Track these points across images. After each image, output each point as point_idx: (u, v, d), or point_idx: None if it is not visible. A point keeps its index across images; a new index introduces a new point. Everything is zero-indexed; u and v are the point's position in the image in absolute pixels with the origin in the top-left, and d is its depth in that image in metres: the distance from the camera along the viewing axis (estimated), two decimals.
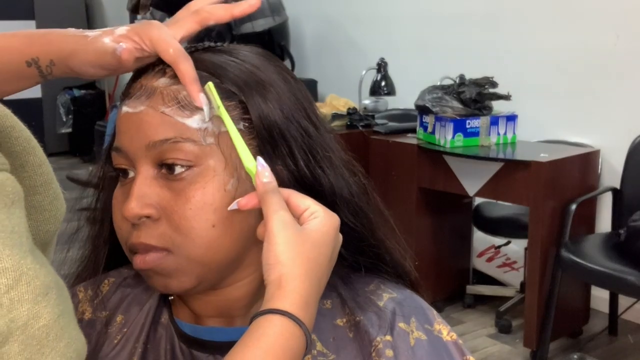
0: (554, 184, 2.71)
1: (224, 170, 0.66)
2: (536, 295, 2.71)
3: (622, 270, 2.43)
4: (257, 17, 4.34)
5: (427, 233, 3.13)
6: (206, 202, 0.65)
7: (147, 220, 0.66)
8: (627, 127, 3.02)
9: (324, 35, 4.75)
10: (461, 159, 2.90)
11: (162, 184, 0.66)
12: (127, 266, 0.79)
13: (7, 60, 0.55)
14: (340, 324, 0.72)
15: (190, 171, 0.66)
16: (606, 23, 3.19)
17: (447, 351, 0.71)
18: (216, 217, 0.65)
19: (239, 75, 0.69)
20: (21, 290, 0.35)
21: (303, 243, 0.61)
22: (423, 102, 2.99)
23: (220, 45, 0.74)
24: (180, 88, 0.67)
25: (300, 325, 0.59)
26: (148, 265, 0.66)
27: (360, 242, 0.74)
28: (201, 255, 0.66)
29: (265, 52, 0.75)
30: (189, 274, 0.67)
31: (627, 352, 2.91)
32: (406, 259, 0.78)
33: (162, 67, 0.68)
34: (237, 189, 0.67)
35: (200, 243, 0.65)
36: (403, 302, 0.74)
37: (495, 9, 3.66)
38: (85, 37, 0.62)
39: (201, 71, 0.68)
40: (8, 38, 0.56)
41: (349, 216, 0.72)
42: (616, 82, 3.18)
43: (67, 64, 0.62)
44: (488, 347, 2.92)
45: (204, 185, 0.65)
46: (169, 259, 0.66)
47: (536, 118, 3.32)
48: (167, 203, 0.66)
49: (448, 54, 3.84)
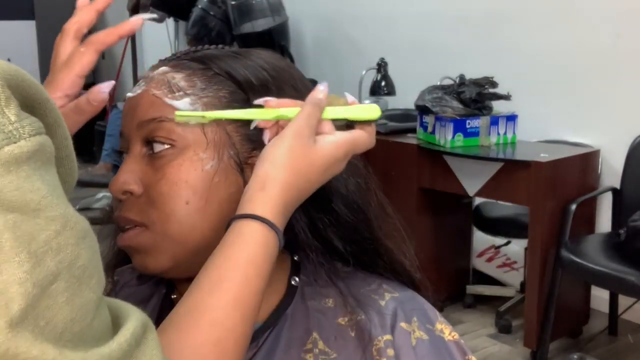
0: (554, 184, 2.71)
1: (204, 152, 0.68)
2: (536, 295, 2.71)
3: (622, 270, 2.43)
4: (257, 17, 4.34)
5: (427, 233, 3.13)
6: (180, 178, 0.67)
7: (131, 196, 0.69)
8: (627, 127, 3.02)
9: (324, 35, 4.75)
10: (461, 159, 2.90)
11: (147, 162, 0.69)
12: (130, 265, 0.79)
13: None
14: (342, 323, 0.72)
15: (171, 149, 0.68)
16: (606, 23, 3.19)
17: (448, 351, 0.71)
18: (190, 194, 0.67)
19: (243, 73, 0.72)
20: (67, 235, 0.40)
21: (304, 156, 0.64)
22: (423, 102, 2.99)
23: (234, 48, 0.77)
24: (174, 74, 0.70)
25: (277, 232, 0.62)
26: (126, 241, 0.69)
27: (355, 234, 0.75)
28: (176, 233, 0.67)
29: (279, 56, 0.78)
30: (165, 252, 0.68)
31: (627, 352, 2.91)
32: (408, 258, 0.78)
33: (167, 60, 0.73)
34: (217, 171, 0.68)
35: (174, 219, 0.67)
36: (405, 302, 0.74)
37: (495, 9, 3.66)
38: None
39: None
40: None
41: (344, 209, 0.73)
42: (616, 82, 3.18)
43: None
44: (488, 347, 2.92)
45: (181, 163, 0.68)
46: (145, 234, 0.68)
47: (536, 118, 3.32)
48: (148, 179, 0.68)
49: (448, 54, 3.84)
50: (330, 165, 0.66)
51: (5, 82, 0.40)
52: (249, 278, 0.59)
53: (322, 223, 0.73)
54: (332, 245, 0.74)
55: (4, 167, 0.38)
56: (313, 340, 0.70)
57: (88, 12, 0.74)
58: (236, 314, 0.58)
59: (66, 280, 0.40)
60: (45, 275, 0.39)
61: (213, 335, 0.57)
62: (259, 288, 0.60)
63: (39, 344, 0.38)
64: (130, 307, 0.47)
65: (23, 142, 0.39)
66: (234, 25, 4.37)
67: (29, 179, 0.39)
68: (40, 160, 0.41)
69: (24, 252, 0.38)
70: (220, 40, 4.32)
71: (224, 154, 0.69)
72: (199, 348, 0.56)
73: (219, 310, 0.57)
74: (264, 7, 4.35)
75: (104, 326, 0.43)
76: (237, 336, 0.58)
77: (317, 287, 0.74)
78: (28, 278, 0.38)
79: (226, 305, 0.58)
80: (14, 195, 0.38)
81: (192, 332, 0.56)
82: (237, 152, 0.69)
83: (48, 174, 0.41)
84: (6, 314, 0.37)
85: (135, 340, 0.44)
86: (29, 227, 0.39)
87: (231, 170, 0.69)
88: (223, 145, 0.69)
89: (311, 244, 0.73)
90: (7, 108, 0.39)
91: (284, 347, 0.69)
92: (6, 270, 0.37)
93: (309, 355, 0.69)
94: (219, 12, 4.45)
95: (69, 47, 0.72)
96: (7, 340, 0.37)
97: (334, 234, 0.73)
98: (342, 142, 0.67)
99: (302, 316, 0.72)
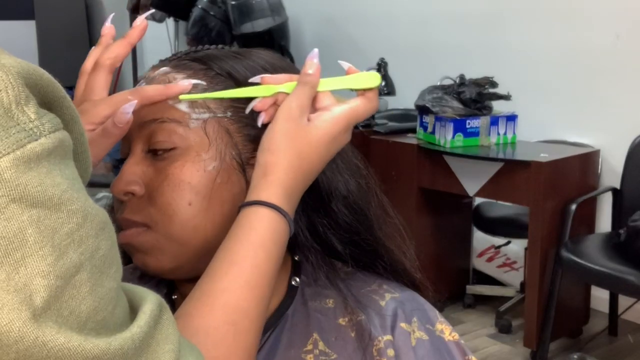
0: (554, 184, 2.71)
1: (207, 153, 0.68)
2: (536, 295, 2.71)
3: (622, 270, 2.43)
4: (257, 17, 4.34)
5: (427, 233, 3.13)
6: (183, 179, 0.67)
7: (133, 197, 0.69)
8: (627, 127, 3.02)
9: (324, 35, 4.74)
10: (461, 159, 2.90)
11: (149, 163, 0.69)
12: (130, 265, 0.79)
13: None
14: (342, 323, 0.72)
15: (174, 151, 0.68)
16: (606, 23, 3.19)
17: (448, 351, 0.71)
18: (192, 195, 0.67)
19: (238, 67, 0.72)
20: (87, 227, 0.42)
21: (300, 138, 0.65)
22: (423, 102, 2.99)
23: (234, 48, 0.77)
24: (175, 74, 0.70)
25: (284, 216, 0.63)
26: (127, 239, 0.69)
27: (355, 235, 0.75)
28: (178, 234, 0.67)
29: (280, 56, 0.78)
30: (166, 252, 0.68)
31: (627, 352, 2.91)
32: (408, 259, 0.78)
33: (167, 60, 0.73)
34: (219, 172, 0.68)
35: (176, 220, 0.67)
36: (405, 302, 0.74)
37: (495, 9, 3.66)
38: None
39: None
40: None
41: (344, 210, 0.73)
42: (616, 82, 3.18)
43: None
44: (488, 347, 2.92)
45: (183, 164, 0.68)
46: (147, 234, 0.68)
47: (536, 118, 3.32)
48: (150, 180, 0.68)
49: (448, 54, 3.84)
50: (331, 142, 0.67)
51: (24, 81, 0.41)
52: (259, 261, 0.60)
53: (322, 225, 0.73)
54: (332, 246, 0.74)
55: (27, 164, 0.40)
56: (313, 340, 0.70)
57: (124, 47, 0.73)
58: (249, 296, 0.59)
59: (88, 271, 0.42)
60: (68, 267, 0.40)
61: (229, 317, 0.58)
62: (270, 271, 0.61)
63: (64, 332, 0.39)
64: (144, 289, 0.49)
65: (43, 139, 0.41)
66: (234, 25, 4.37)
67: (50, 174, 0.41)
68: (59, 155, 0.42)
69: (47, 245, 0.40)
70: (220, 40, 4.32)
71: (226, 155, 0.69)
72: (215, 330, 0.57)
73: (232, 292, 0.58)
74: (264, 7, 4.35)
75: (124, 312, 0.45)
76: (253, 317, 0.59)
77: (318, 288, 0.74)
78: (51, 271, 0.39)
79: (239, 287, 0.59)
80: (37, 190, 0.40)
81: (207, 314, 0.57)
82: (239, 153, 0.69)
83: (68, 169, 0.43)
84: (30, 305, 0.38)
85: (154, 320, 0.46)
86: (51, 221, 0.40)
87: (233, 170, 0.69)
88: (225, 145, 0.69)
89: (310, 245, 0.73)
90: (26, 106, 0.40)
91: (284, 348, 0.69)
92: (30, 264, 0.39)
93: (309, 356, 0.69)
94: (219, 12, 4.45)
95: (104, 81, 0.72)
96: (34, 330, 0.38)
97: (334, 235, 0.73)
98: (339, 116, 0.67)
99: (302, 317, 0.71)
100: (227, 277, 0.59)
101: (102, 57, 0.73)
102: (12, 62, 0.41)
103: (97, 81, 0.72)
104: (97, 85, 0.72)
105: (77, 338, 0.40)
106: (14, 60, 0.41)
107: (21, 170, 0.39)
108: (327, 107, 0.68)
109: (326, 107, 0.68)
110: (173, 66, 0.72)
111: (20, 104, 0.40)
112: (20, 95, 0.40)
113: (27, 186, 0.39)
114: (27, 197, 0.39)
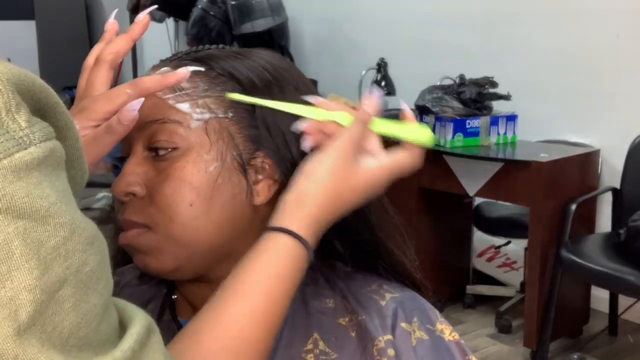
0: (554, 184, 2.71)
1: (208, 154, 0.68)
2: (536, 295, 2.71)
3: (622, 270, 2.43)
4: (257, 17, 4.34)
5: (427, 233, 3.13)
6: (184, 180, 0.67)
7: (134, 198, 0.68)
8: (627, 127, 3.02)
9: (324, 35, 4.74)
10: (461, 159, 2.90)
11: (149, 163, 0.69)
12: (131, 265, 0.79)
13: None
14: (343, 323, 0.72)
15: (175, 152, 0.68)
16: (606, 23, 3.19)
17: (448, 351, 0.71)
18: (194, 196, 0.67)
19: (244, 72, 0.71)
20: (75, 241, 0.41)
21: (344, 178, 0.64)
22: (423, 102, 2.99)
23: (234, 48, 0.76)
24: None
25: (308, 251, 0.62)
26: (127, 240, 0.68)
27: (355, 236, 0.75)
28: (179, 235, 0.67)
29: (280, 56, 0.77)
30: (168, 253, 0.68)
31: (627, 352, 2.91)
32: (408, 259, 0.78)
33: (168, 60, 0.73)
34: (220, 173, 0.68)
35: (178, 221, 0.67)
36: (405, 302, 0.74)
37: (495, 9, 3.66)
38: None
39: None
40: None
41: None
42: (616, 82, 3.18)
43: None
44: (488, 347, 2.92)
45: (184, 165, 0.67)
46: (148, 235, 0.68)
47: (536, 118, 3.32)
48: (151, 181, 0.68)
49: (448, 54, 3.84)
50: (370, 190, 0.66)
51: (16, 88, 0.40)
52: (273, 292, 0.60)
53: None
54: (332, 246, 0.74)
55: (15, 174, 0.39)
56: (314, 340, 0.70)
57: (125, 42, 0.73)
58: (253, 326, 0.58)
59: (73, 286, 0.40)
60: (53, 282, 0.39)
61: (230, 344, 0.57)
62: (282, 303, 0.61)
63: (46, 351, 0.38)
64: (134, 308, 0.47)
65: (33, 148, 0.39)
66: (234, 25, 4.37)
67: (39, 185, 0.40)
68: (50, 165, 0.41)
69: (33, 259, 0.38)
70: (220, 40, 4.32)
71: (227, 155, 0.68)
72: (214, 355, 0.56)
73: (238, 320, 0.58)
74: (264, 7, 4.35)
75: (111, 329, 0.44)
76: (259, 348, 0.58)
77: (318, 288, 0.74)
78: (37, 285, 0.38)
79: (245, 316, 0.58)
80: (24, 202, 0.39)
81: (208, 339, 0.56)
82: (240, 153, 0.69)
83: (58, 180, 0.41)
84: (15, 321, 0.37)
85: (139, 345, 0.44)
86: (38, 233, 0.39)
87: (234, 171, 0.69)
88: (226, 146, 0.68)
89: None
90: (17, 114, 0.39)
91: (284, 348, 0.69)
92: (16, 277, 0.38)
93: (309, 356, 0.69)
94: (219, 12, 4.45)
95: (105, 77, 0.71)
96: (15, 347, 0.37)
97: (334, 235, 0.73)
98: (385, 167, 0.67)
99: (302, 316, 0.71)
100: (237, 303, 0.58)
101: (103, 53, 0.72)
102: (3, 69, 0.40)
103: (98, 76, 0.71)
104: (97, 80, 0.71)
105: (58, 357, 0.39)
106: (5, 66, 0.40)
107: (8, 180, 0.38)
108: (373, 151, 0.67)
109: (372, 150, 0.67)
110: (174, 66, 0.72)
111: (11, 111, 0.39)
112: (10, 102, 0.39)
113: (13, 197, 0.38)
114: (14, 208, 0.38)
